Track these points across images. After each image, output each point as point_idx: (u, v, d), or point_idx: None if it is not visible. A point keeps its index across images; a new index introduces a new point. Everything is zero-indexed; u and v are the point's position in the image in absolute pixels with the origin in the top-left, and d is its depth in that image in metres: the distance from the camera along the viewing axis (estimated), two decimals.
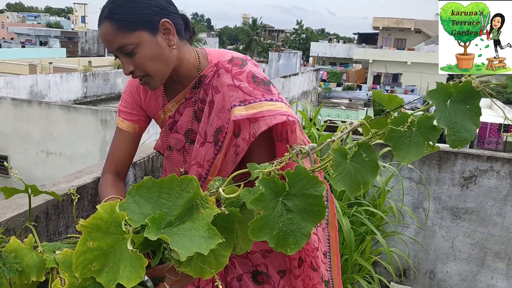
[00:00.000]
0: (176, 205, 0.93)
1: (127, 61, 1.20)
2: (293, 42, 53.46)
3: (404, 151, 1.08)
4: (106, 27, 1.17)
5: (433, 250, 2.70)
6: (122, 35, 1.16)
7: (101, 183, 1.39)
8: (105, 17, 1.18)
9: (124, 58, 1.20)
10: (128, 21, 1.16)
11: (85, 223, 0.84)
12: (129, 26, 1.16)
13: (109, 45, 1.19)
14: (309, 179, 0.97)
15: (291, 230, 0.93)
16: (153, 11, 1.19)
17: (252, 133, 1.22)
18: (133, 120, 1.43)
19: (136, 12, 1.17)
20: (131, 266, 0.80)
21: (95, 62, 23.59)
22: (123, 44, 1.17)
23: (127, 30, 1.16)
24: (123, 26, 1.16)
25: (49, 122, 8.31)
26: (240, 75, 1.26)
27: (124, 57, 1.20)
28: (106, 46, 1.21)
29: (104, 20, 1.18)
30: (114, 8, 1.17)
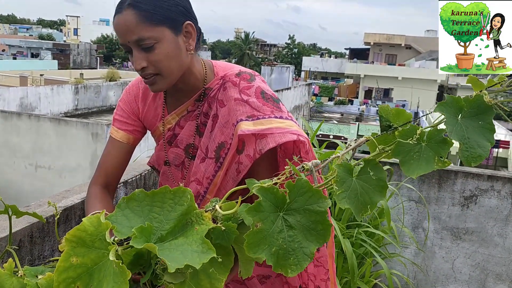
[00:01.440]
0: (169, 219, 0.86)
1: (142, 56, 1.11)
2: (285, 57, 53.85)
3: (413, 165, 1.02)
4: (128, 15, 1.09)
5: (433, 272, 2.63)
6: (145, 26, 1.09)
7: (88, 195, 1.31)
8: (129, 4, 1.09)
9: (139, 52, 1.11)
10: (154, 14, 1.09)
11: (68, 236, 0.77)
12: (154, 19, 1.09)
13: (126, 35, 1.10)
14: (312, 193, 0.90)
15: (292, 249, 0.86)
16: (180, 11, 1.13)
17: (258, 150, 1.15)
18: (128, 130, 1.34)
19: (163, 6, 1.10)
20: (114, 282, 0.72)
21: (86, 75, 23.47)
22: (144, 36, 1.09)
23: (151, 23, 1.09)
24: (148, 17, 1.09)
25: (38, 135, 8.18)
26: (249, 89, 1.21)
27: (139, 51, 1.11)
28: (121, 36, 1.11)
29: (127, 7, 1.09)
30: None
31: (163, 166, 1.38)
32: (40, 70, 23.00)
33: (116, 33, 1.13)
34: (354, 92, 36.37)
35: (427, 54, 36.41)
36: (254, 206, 0.85)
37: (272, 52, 66.34)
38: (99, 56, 39.28)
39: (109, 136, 1.36)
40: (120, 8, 1.11)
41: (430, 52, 36.52)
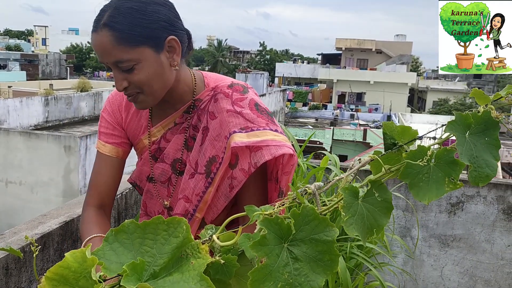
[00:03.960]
0: (162, 253, 0.77)
1: (122, 76, 1.04)
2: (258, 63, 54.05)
3: (423, 189, 0.96)
4: (104, 37, 1.00)
5: (422, 280, 2.61)
6: (122, 49, 1.00)
7: (82, 219, 1.21)
8: (104, 24, 1.00)
9: (119, 73, 1.04)
10: (131, 35, 1.00)
11: (49, 274, 0.68)
12: (132, 41, 1.00)
13: (104, 57, 1.02)
14: (318, 222, 0.82)
15: (299, 283, 0.78)
16: (161, 27, 1.04)
17: (253, 163, 1.09)
18: (116, 143, 1.25)
19: (142, 24, 1.01)
20: None
21: (56, 85, 22.93)
22: (122, 59, 1.01)
23: (129, 45, 1.00)
24: (125, 39, 1.00)
25: (8, 149, 7.89)
26: (242, 101, 1.14)
27: (119, 72, 1.04)
28: (99, 56, 1.04)
29: (102, 27, 1.00)
30: (117, 16, 1.00)
31: (146, 183, 1.29)
32: (8, 81, 22.35)
33: (95, 51, 1.05)
34: (328, 97, 36.77)
35: (397, 58, 37.19)
36: (259, 241, 0.78)
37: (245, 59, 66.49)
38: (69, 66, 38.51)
39: (96, 151, 1.27)
40: (96, 27, 1.02)
41: (400, 56, 37.33)
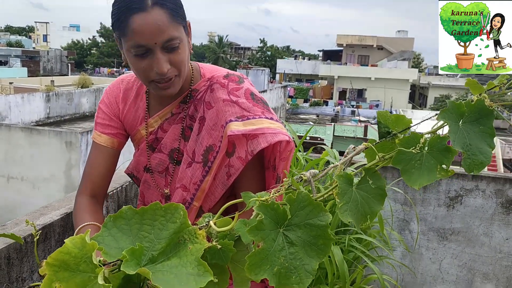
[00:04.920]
0: (160, 238, 0.79)
1: (166, 58, 1.05)
2: (259, 60, 54.00)
3: (415, 175, 0.98)
4: (158, 15, 1.01)
5: (420, 273, 2.62)
6: (175, 25, 1.03)
7: (75, 207, 1.23)
8: (155, 3, 1.01)
9: (163, 54, 1.05)
10: (178, 13, 1.05)
11: (50, 260, 0.69)
12: (179, 19, 1.05)
13: (155, 36, 1.01)
14: (313, 207, 0.85)
15: (294, 267, 0.81)
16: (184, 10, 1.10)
17: (249, 151, 1.10)
18: (112, 133, 1.27)
19: (180, 5, 1.07)
20: None
21: (58, 82, 22.95)
22: (174, 36, 1.03)
23: (177, 22, 1.04)
24: (175, 16, 1.04)
25: (10, 145, 7.92)
26: (237, 91, 1.16)
27: (163, 53, 1.05)
28: (147, 37, 1.02)
29: (153, 6, 1.01)
30: None
31: (144, 174, 1.31)
32: (9, 78, 22.37)
33: (138, 34, 1.02)
34: (329, 93, 36.73)
35: (399, 54, 37.12)
36: (256, 225, 0.79)
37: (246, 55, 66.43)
38: (70, 62, 38.51)
39: (92, 141, 1.28)
40: (142, 7, 1.01)
41: (402, 52, 37.25)
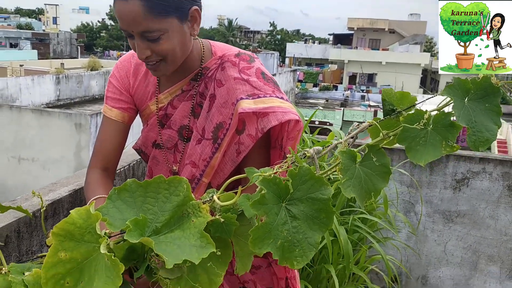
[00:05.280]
0: (164, 211, 0.81)
1: (146, 45, 1.06)
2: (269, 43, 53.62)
3: (420, 152, 0.99)
4: (134, 6, 1.00)
5: (425, 255, 2.64)
6: (152, 19, 1.02)
7: (87, 180, 1.25)
8: None
9: (143, 42, 1.05)
10: (162, 5, 1.02)
11: (56, 230, 0.72)
12: (163, 11, 1.02)
13: (130, 26, 1.03)
14: (314, 181, 0.86)
15: (297, 240, 0.82)
16: None
17: (259, 128, 1.12)
18: (122, 108, 1.28)
19: None
20: (106, 276, 0.68)
21: (67, 64, 23.02)
22: (151, 29, 1.03)
23: (159, 15, 1.02)
24: (156, 9, 1.01)
25: (20, 126, 8.00)
26: (248, 70, 1.17)
27: (143, 42, 1.05)
28: (124, 24, 1.04)
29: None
30: None
31: (152, 149, 1.32)
32: (20, 60, 22.49)
33: (119, 19, 1.04)
34: (339, 78, 36.44)
35: (411, 38, 36.60)
36: (258, 200, 0.81)
37: (256, 39, 65.96)
38: (80, 45, 38.57)
39: (102, 116, 1.30)
40: None
41: (414, 36, 36.71)
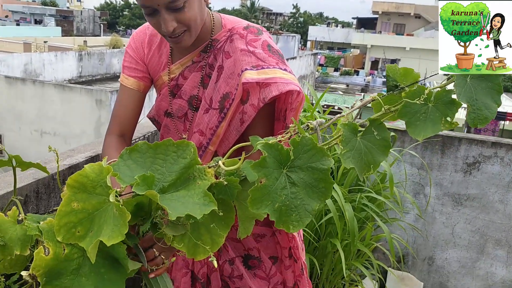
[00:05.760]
0: (171, 171, 0.86)
1: (172, 17, 1.10)
2: (291, 26, 53.03)
3: (419, 127, 1.02)
4: None
5: (433, 237, 2.66)
6: None
7: (104, 145, 1.32)
8: None
9: (169, 14, 1.10)
10: None
11: (70, 182, 0.78)
12: None
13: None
14: (316, 151, 0.89)
15: (295, 206, 0.86)
16: None
17: (261, 98, 1.16)
18: (138, 77, 1.34)
19: None
20: (113, 225, 0.74)
21: (90, 42, 23.28)
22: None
23: None
24: None
25: (43, 101, 8.20)
26: (255, 42, 1.21)
27: (169, 13, 1.10)
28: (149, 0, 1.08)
29: None
30: None
31: (164, 118, 1.38)
32: (44, 37, 22.82)
33: None
34: (360, 63, 35.91)
35: (437, 24, 35.71)
36: (259, 162, 0.85)
37: (278, 21, 65.27)
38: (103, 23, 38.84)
39: (120, 84, 1.35)
40: None
41: None
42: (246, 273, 1.45)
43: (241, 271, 1.44)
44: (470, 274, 2.64)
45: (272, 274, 1.48)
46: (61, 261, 0.79)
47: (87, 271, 0.81)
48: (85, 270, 0.81)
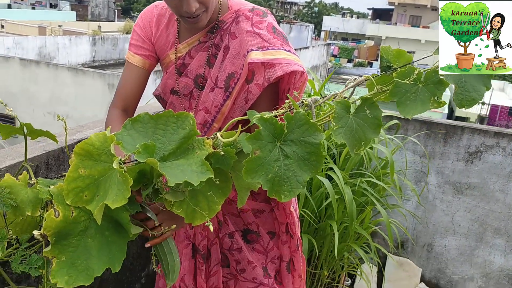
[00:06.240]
0: (171, 141, 0.91)
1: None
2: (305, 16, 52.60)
3: (409, 106, 1.06)
4: None
5: (433, 224, 2.70)
6: None
7: (108, 118, 1.38)
8: None
9: None
10: None
11: (77, 149, 0.84)
12: None
13: None
14: (308, 126, 0.94)
15: (287, 177, 0.91)
16: None
17: (266, 78, 1.22)
18: (144, 55, 1.39)
19: None
20: (117, 189, 0.80)
21: (104, 27, 23.38)
22: None
23: None
24: None
25: (56, 83, 8.31)
26: (260, 24, 1.26)
27: None
28: None
29: None
30: None
31: (170, 96, 1.43)
32: (59, 21, 22.97)
33: None
34: (374, 55, 35.55)
35: None
36: (254, 135, 0.90)
37: (293, 10, 64.78)
38: (117, 8, 38.91)
39: (126, 61, 1.41)
40: None
41: None
42: (245, 246, 1.51)
43: (240, 245, 1.51)
44: (469, 262, 2.68)
45: (269, 248, 1.54)
46: (70, 223, 0.85)
47: (93, 233, 0.87)
48: (91, 232, 0.87)
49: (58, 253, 0.83)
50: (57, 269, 0.83)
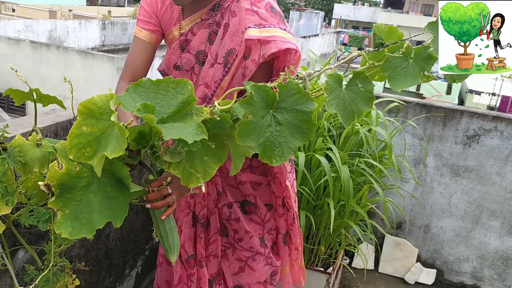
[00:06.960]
0: (170, 105, 0.95)
1: None
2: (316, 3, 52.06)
3: (400, 80, 1.11)
4: None
5: (430, 206, 2.76)
6: None
7: (117, 90, 1.45)
8: None
9: None
10: None
11: (80, 108, 0.89)
12: None
13: None
14: (301, 95, 0.98)
15: (279, 142, 0.95)
16: None
17: (261, 55, 1.27)
18: (151, 30, 1.46)
19: None
20: (115, 142, 0.85)
21: (114, 12, 23.40)
22: None
23: None
24: None
25: (66, 66, 8.41)
26: (259, 2, 1.32)
27: None
28: None
29: None
30: None
31: (173, 71, 1.50)
32: (69, 5, 23.03)
33: None
34: None
35: None
36: (246, 99, 0.95)
37: None
38: None
39: (133, 36, 1.48)
40: None
41: None
42: (242, 217, 1.59)
43: (238, 215, 1.58)
44: (464, 243, 2.74)
45: (266, 220, 1.61)
46: (73, 177, 0.91)
47: (95, 189, 0.94)
48: (94, 188, 0.93)
49: (62, 205, 0.89)
50: (61, 221, 0.89)
